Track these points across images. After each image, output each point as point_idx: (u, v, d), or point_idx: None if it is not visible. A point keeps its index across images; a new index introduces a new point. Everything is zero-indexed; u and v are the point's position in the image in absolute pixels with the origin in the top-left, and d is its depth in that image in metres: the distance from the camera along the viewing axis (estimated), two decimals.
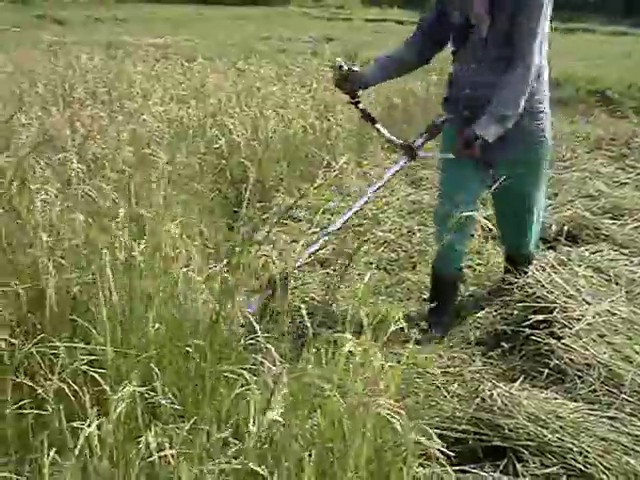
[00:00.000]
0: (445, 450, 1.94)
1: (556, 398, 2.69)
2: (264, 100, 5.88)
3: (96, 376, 1.70)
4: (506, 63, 3.06)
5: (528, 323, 3.22)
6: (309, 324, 2.03)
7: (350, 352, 1.92)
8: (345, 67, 3.29)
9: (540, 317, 3.21)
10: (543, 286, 3.54)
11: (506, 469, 2.40)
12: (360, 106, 3.45)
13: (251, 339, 2.30)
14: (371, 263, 4.24)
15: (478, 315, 3.64)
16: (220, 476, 1.54)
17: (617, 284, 3.69)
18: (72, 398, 1.69)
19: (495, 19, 3.05)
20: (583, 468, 2.32)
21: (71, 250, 2.48)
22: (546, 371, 2.92)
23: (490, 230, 4.40)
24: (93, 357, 1.92)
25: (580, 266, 3.84)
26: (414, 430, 1.86)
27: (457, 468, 2.26)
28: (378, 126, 3.47)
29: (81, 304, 2.31)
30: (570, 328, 3.11)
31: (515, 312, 3.46)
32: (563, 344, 2.99)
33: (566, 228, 4.52)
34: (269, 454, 1.58)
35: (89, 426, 1.52)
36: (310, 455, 1.60)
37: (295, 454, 1.60)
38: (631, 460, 2.35)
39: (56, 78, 6.94)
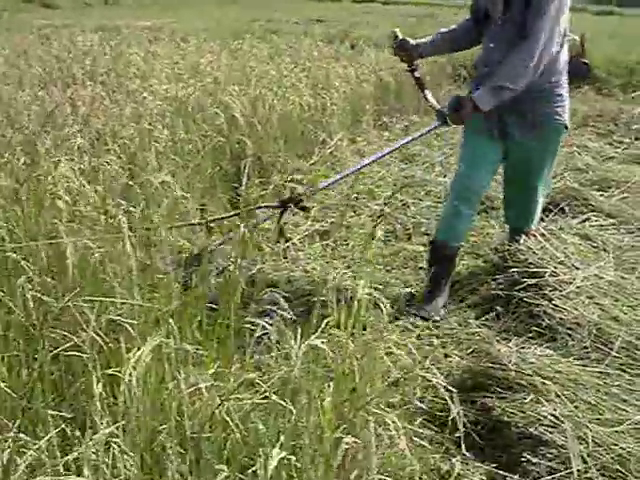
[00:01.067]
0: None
1: (550, 355, 2.85)
2: (260, 79, 5.98)
3: (127, 326, 1.83)
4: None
5: (521, 287, 3.37)
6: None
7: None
8: (400, 37, 3.62)
9: (532, 281, 3.36)
10: (534, 253, 3.71)
11: None
12: (415, 74, 3.72)
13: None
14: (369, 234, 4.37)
15: (472, 281, 3.79)
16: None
17: (605, 251, 3.87)
18: (103, 348, 1.83)
19: (510, 4, 3.25)
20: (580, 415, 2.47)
21: (89, 218, 2.60)
22: (539, 331, 3.08)
23: (482, 203, 4.60)
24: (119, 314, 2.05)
25: (570, 235, 4.02)
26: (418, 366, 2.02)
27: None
28: (427, 92, 3.73)
29: (99, 267, 2.43)
30: (560, 291, 3.28)
31: (508, 278, 3.61)
32: (554, 305, 3.16)
33: (557, 199, 4.67)
34: (289, 390, 1.72)
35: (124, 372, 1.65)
36: (329, 386, 1.75)
37: (314, 388, 1.75)
38: (622, 406, 2.52)
39: (52, 60, 7.03)
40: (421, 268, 3.95)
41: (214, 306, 2.37)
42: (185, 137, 4.43)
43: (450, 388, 2.06)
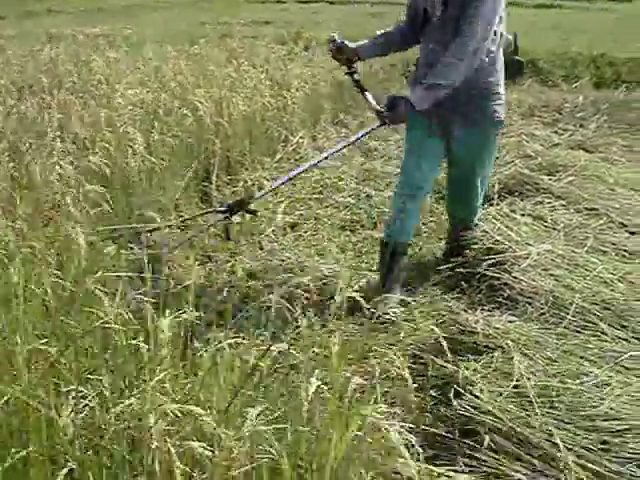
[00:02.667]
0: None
1: (513, 321, 3.16)
2: (222, 81, 6.21)
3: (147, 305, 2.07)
4: None
5: (482, 264, 3.68)
6: None
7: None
8: (338, 40, 3.68)
9: (492, 258, 3.68)
10: (492, 235, 4.03)
11: None
12: (354, 76, 3.79)
13: None
14: (337, 224, 4.65)
15: (436, 261, 4.09)
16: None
17: (556, 229, 4.20)
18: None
19: (448, 4, 3.35)
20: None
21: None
22: (501, 301, 3.39)
23: (440, 192, 4.90)
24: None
25: (523, 216, 4.36)
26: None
27: None
28: (367, 94, 3.74)
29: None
30: (518, 265, 3.59)
31: (469, 257, 3.92)
32: (514, 277, 3.47)
33: (509, 184, 5.00)
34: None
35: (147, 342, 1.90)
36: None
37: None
38: (580, 361, 2.84)
39: (14, 70, 7.16)
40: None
41: None
42: (158, 138, 4.64)
43: None
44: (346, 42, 3.69)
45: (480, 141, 3.71)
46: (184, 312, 2.13)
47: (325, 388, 1.70)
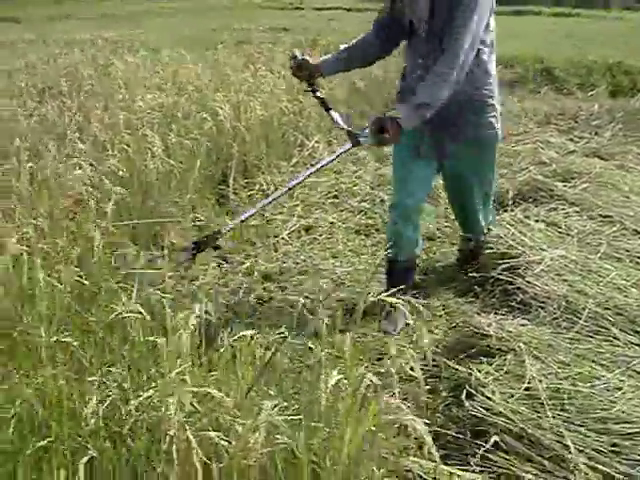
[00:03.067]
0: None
1: (525, 324, 3.19)
2: (239, 86, 6.27)
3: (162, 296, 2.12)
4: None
5: (495, 269, 3.71)
6: None
7: None
8: (299, 57, 3.49)
9: (505, 262, 3.70)
10: (505, 240, 4.06)
11: None
12: (317, 94, 3.58)
13: None
14: (351, 228, 4.70)
15: (449, 266, 4.12)
16: None
17: (569, 235, 4.22)
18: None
19: (434, 18, 3.20)
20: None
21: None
22: (514, 305, 3.42)
23: None
24: None
25: (537, 222, 4.38)
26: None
27: None
28: (332, 113, 3.56)
29: None
30: (531, 270, 3.61)
31: (483, 262, 3.95)
32: (527, 282, 3.49)
33: (523, 190, 5.02)
34: None
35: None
36: None
37: None
38: (592, 365, 2.86)
39: (36, 73, 7.27)
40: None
41: None
42: (176, 141, 4.70)
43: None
44: (307, 58, 3.51)
45: (475, 156, 3.60)
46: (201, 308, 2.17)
47: (344, 382, 1.74)
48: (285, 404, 1.86)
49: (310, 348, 2.12)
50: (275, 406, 1.61)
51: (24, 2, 28.37)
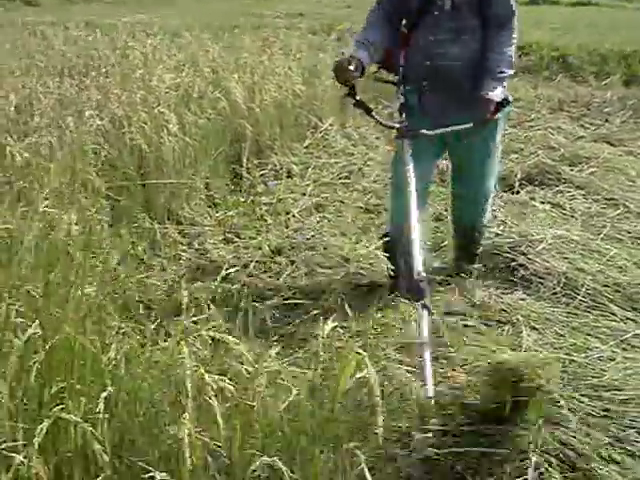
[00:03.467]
0: None
1: (524, 298, 3.31)
2: (254, 69, 6.38)
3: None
4: (469, 34, 3.19)
5: (498, 245, 3.83)
6: None
7: None
8: (347, 55, 3.18)
9: (508, 239, 3.82)
10: (511, 220, 4.17)
11: None
12: (357, 97, 3.31)
13: None
14: (360, 207, 4.81)
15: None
16: None
17: (573, 217, 4.34)
18: None
19: None
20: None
21: None
22: (515, 280, 3.53)
23: None
24: None
25: (543, 203, 4.50)
26: None
27: None
28: (374, 114, 3.42)
29: None
30: (533, 248, 3.73)
31: (488, 240, 4.05)
32: (528, 259, 3.60)
33: (531, 174, 5.12)
34: None
35: None
36: None
37: None
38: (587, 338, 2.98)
39: (56, 54, 7.41)
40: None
41: None
42: (191, 120, 4.83)
43: None
44: (353, 54, 3.19)
45: (479, 142, 3.40)
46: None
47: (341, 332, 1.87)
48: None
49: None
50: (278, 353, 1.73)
51: None
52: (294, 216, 4.60)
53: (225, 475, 1.55)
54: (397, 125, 3.35)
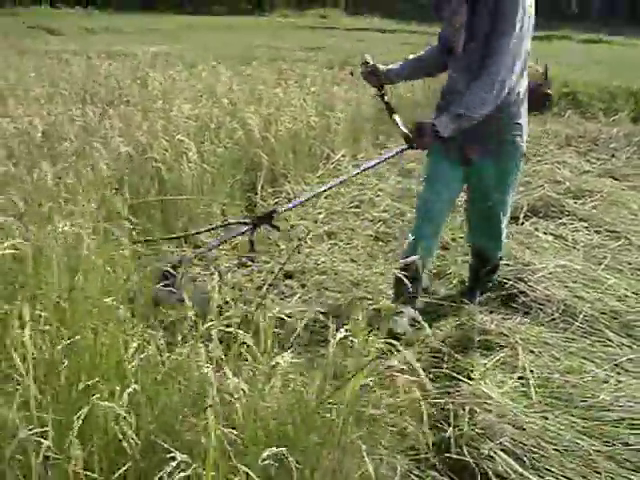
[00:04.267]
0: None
1: (524, 323, 3.47)
2: (270, 101, 6.62)
3: None
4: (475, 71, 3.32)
5: (500, 274, 3.99)
6: None
7: None
8: (371, 62, 3.76)
9: (510, 268, 3.98)
10: (514, 249, 4.34)
11: None
12: (385, 99, 3.82)
13: None
14: (370, 235, 4.98)
15: (460, 272, 4.38)
16: None
17: (575, 248, 4.50)
18: None
19: (473, 38, 3.35)
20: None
21: None
22: (515, 307, 3.69)
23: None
24: None
25: (545, 234, 4.67)
26: None
27: None
28: (396, 117, 3.72)
29: None
30: (534, 275, 3.89)
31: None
32: (529, 286, 3.77)
33: (536, 206, 5.29)
34: None
35: None
36: None
37: None
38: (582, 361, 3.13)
39: (77, 82, 7.67)
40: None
41: None
42: (209, 148, 5.05)
43: None
44: (378, 65, 3.77)
45: (498, 170, 3.61)
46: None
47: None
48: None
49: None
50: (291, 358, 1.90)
51: (56, 13, 29.04)
52: (306, 242, 4.77)
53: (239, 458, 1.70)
54: (406, 131, 3.53)
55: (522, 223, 4.98)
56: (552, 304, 3.64)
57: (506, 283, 3.87)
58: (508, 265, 4.10)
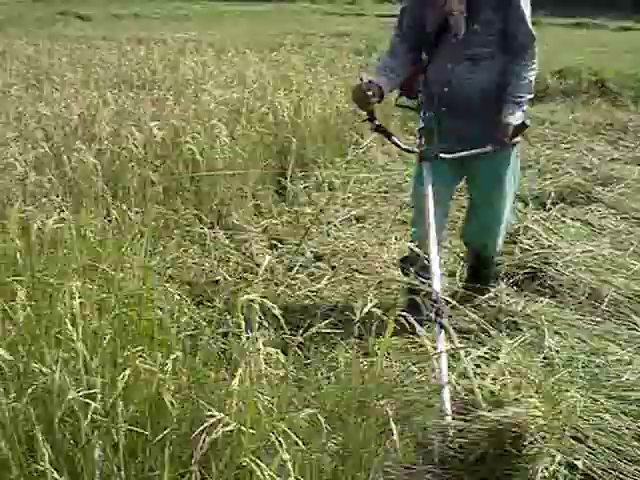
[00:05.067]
0: None
1: (549, 306, 3.53)
2: (299, 86, 6.69)
3: None
4: (488, 61, 3.24)
5: (527, 257, 4.05)
6: None
7: None
8: (365, 79, 3.21)
9: (538, 252, 4.04)
10: (541, 235, 4.39)
11: None
12: (376, 122, 3.38)
13: None
14: (398, 219, 5.05)
15: None
16: None
17: (601, 234, 4.55)
18: None
19: (473, 20, 3.18)
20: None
21: None
22: (542, 290, 3.75)
23: None
24: None
25: (573, 220, 4.71)
26: None
27: None
28: (394, 139, 3.44)
29: None
30: (562, 260, 3.94)
31: (519, 254, 4.27)
32: (556, 270, 3.82)
33: (564, 193, 5.33)
34: None
35: None
36: None
37: None
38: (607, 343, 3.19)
39: (110, 67, 7.80)
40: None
41: None
42: (241, 132, 5.14)
43: None
44: (373, 79, 3.25)
45: (497, 159, 3.39)
46: None
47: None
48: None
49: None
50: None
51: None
52: (335, 226, 4.85)
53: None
54: (417, 150, 3.45)
55: (549, 209, 5.01)
56: (578, 288, 3.70)
57: (534, 267, 3.93)
58: (536, 249, 4.14)
